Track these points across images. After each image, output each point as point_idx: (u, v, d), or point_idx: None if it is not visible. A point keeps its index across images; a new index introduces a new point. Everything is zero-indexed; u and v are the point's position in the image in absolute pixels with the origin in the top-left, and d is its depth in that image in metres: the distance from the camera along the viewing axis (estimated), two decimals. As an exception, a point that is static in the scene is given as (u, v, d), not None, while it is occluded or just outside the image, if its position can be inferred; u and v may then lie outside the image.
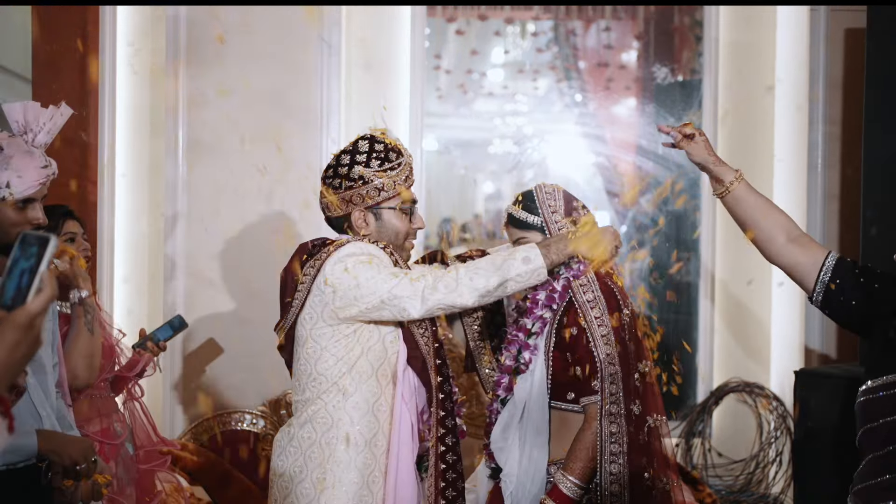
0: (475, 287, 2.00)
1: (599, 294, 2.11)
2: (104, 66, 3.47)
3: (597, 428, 2.06)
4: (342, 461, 2.04)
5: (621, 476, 2.06)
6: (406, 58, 4.05)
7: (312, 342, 2.08)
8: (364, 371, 2.08)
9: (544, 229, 2.18)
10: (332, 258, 2.04)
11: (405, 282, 1.99)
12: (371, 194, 2.10)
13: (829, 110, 3.92)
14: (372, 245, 2.08)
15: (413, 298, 1.98)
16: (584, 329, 2.08)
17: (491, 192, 5.85)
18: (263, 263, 3.31)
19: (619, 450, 2.06)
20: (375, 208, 2.12)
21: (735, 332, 4.28)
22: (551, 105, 5.33)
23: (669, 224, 4.63)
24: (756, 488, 4.06)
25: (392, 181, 2.10)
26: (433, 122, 5.00)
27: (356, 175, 2.09)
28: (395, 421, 2.09)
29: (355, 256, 2.02)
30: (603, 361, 2.05)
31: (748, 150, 4.27)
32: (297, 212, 3.56)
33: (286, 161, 3.55)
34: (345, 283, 2.01)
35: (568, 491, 2.06)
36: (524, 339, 2.16)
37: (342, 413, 2.06)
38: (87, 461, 1.83)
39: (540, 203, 2.20)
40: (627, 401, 2.07)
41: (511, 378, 2.18)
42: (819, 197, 3.94)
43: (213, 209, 3.60)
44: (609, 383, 2.05)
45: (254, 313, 3.50)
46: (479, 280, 2.00)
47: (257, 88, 3.56)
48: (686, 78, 4.65)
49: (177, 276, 3.60)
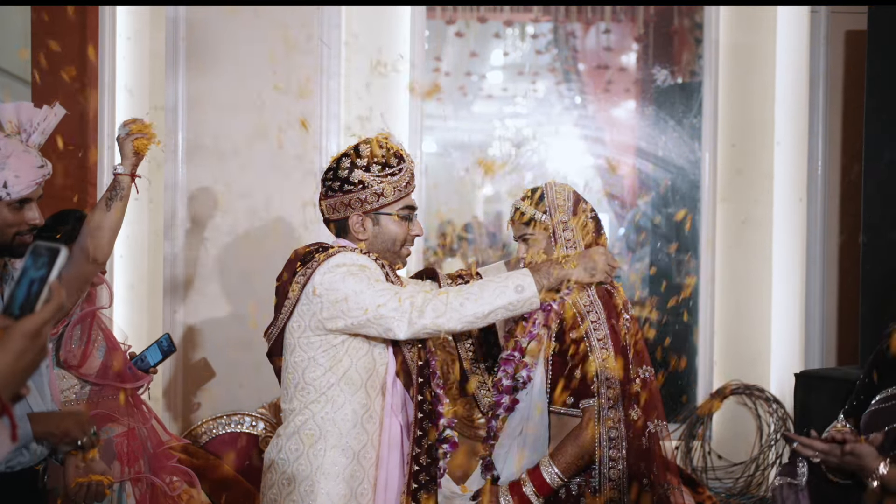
0: (464, 314, 1.96)
1: (597, 298, 2.10)
2: (103, 69, 3.46)
3: (594, 431, 2.04)
4: (330, 473, 2.03)
5: (620, 481, 2.04)
6: (406, 59, 4.04)
7: (300, 351, 2.07)
8: (353, 381, 2.06)
9: (550, 228, 2.16)
10: (322, 267, 2.01)
11: (393, 302, 1.95)
12: (370, 199, 2.08)
13: (830, 112, 3.92)
14: (363, 256, 2.05)
15: (400, 320, 1.95)
16: (582, 333, 2.06)
17: (490, 195, 5.84)
18: (263, 265, 3.30)
19: (619, 455, 2.03)
20: (374, 214, 2.10)
21: (735, 335, 4.27)
22: (551, 107, 5.32)
23: (669, 227, 4.63)
24: (756, 491, 4.05)
25: (392, 187, 2.08)
26: (432, 124, 4.99)
27: (356, 179, 2.07)
28: (385, 432, 2.08)
29: (346, 267, 2.00)
30: (599, 366, 2.03)
31: (748, 152, 4.27)
32: (297, 214, 3.56)
33: (286, 163, 3.55)
34: (333, 295, 1.99)
35: (547, 476, 2.04)
36: (520, 358, 2.14)
37: (330, 425, 2.04)
38: (86, 433, 1.82)
39: (548, 201, 2.17)
40: (626, 406, 2.05)
41: (511, 397, 2.16)
42: (819, 199, 3.93)
43: (213, 211, 3.60)
44: (606, 388, 2.03)
45: (252, 312, 3.49)
46: (468, 307, 1.96)
47: (257, 90, 3.56)
48: (686, 80, 4.65)
49: (177, 278, 3.59)
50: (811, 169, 3.96)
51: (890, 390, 1.90)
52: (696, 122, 4.39)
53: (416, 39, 4.08)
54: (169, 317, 3.58)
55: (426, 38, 4.24)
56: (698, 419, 4.16)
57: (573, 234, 2.17)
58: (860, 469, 1.73)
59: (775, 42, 4.19)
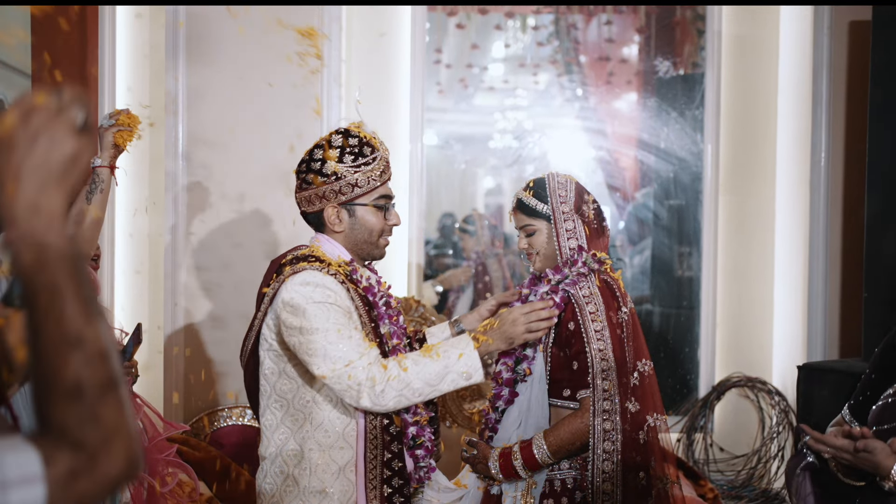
0: (414, 400, 1.98)
1: (596, 290, 2.10)
2: (103, 61, 3.45)
3: (589, 421, 2.04)
4: (317, 489, 2.01)
5: (614, 474, 2.04)
6: (406, 52, 4.03)
7: (270, 363, 2.05)
8: (329, 396, 2.04)
9: (551, 219, 2.16)
10: (285, 286, 1.99)
11: (358, 372, 1.92)
12: (344, 190, 2.04)
13: (833, 103, 3.90)
14: (329, 277, 1.99)
15: (362, 396, 1.93)
16: (579, 323, 2.07)
17: (491, 187, 5.83)
18: (263, 258, 3.29)
19: (613, 448, 2.04)
20: (349, 205, 2.07)
21: (737, 327, 4.26)
22: (552, 99, 5.30)
23: (671, 219, 4.61)
24: (758, 483, 4.05)
25: (366, 177, 2.04)
26: (433, 116, 4.97)
27: (329, 171, 2.03)
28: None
29: (310, 287, 1.96)
30: (595, 357, 2.04)
31: (751, 144, 4.25)
32: (296, 206, 3.54)
33: (286, 155, 3.53)
34: (294, 322, 1.96)
35: (536, 451, 2.06)
36: (521, 351, 2.14)
37: (311, 443, 2.02)
38: None
39: (550, 192, 2.16)
40: (623, 398, 2.05)
41: (511, 390, 2.16)
42: (822, 190, 3.92)
43: (213, 204, 3.59)
44: (602, 379, 2.03)
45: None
46: (423, 396, 1.98)
47: (256, 84, 3.54)
48: (688, 72, 4.63)
49: (178, 271, 3.59)
50: (814, 160, 3.94)
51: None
52: (699, 113, 4.37)
53: (416, 32, 4.06)
54: (170, 308, 3.58)
55: (427, 31, 4.22)
56: (700, 411, 4.15)
57: (574, 224, 2.16)
58: (874, 467, 1.68)
59: (778, 33, 4.17)
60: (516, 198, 2.22)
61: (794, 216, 4.10)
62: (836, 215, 3.93)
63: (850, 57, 3.88)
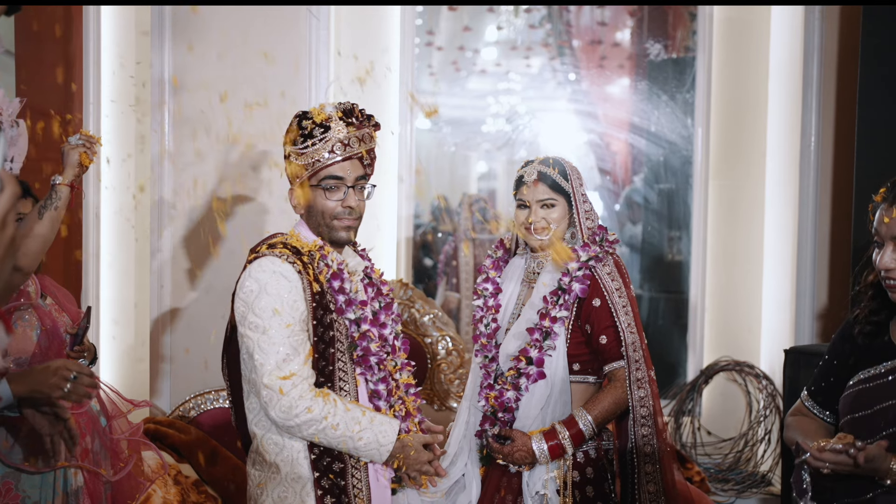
0: (330, 443, 1.96)
1: (615, 268, 2.23)
2: (88, 44, 3.42)
3: (625, 390, 2.17)
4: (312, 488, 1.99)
5: (651, 437, 2.18)
6: (397, 34, 4.00)
7: (240, 348, 2.03)
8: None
9: (571, 198, 2.26)
10: (246, 272, 2.00)
11: (289, 387, 1.92)
12: (297, 172, 2.06)
13: (824, 87, 3.88)
14: (287, 265, 1.98)
15: (276, 408, 1.93)
16: (606, 299, 2.19)
17: (484, 172, 5.80)
18: (252, 241, 3.28)
19: (648, 412, 2.18)
20: (300, 186, 2.07)
21: (726, 311, 4.27)
22: (544, 83, 5.27)
23: (661, 203, 4.61)
24: (745, 466, 4.07)
25: (312, 158, 2.02)
26: (425, 99, 4.94)
27: (286, 153, 2.08)
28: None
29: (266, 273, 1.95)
30: (625, 330, 2.18)
31: (741, 126, 4.24)
32: (286, 187, 3.52)
33: (274, 138, 3.51)
34: (246, 317, 1.96)
35: (582, 425, 2.16)
36: (551, 327, 2.20)
37: (296, 440, 1.99)
38: (67, 379, 1.80)
39: (570, 174, 2.27)
40: (647, 367, 2.20)
41: (539, 370, 2.21)
42: (812, 173, 3.91)
43: (201, 186, 3.57)
44: (633, 350, 2.18)
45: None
46: (332, 440, 1.96)
47: (244, 64, 3.52)
48: (680, 55, 4.60)
49: (163, 255, 3.57)
50: (804, 144, 3.92)
51: (876, 369, 1.87)
52: (690, 97, 4.35)
53: (407, 14, 4.03)
54: (156, 295, 3.57)
55: (419, 13, 4.19)
56: (688, 395, 4.16)
57: (591, 206, 2.29)
58: (874, 472, 1.70)
59: (769, 17, 4.15)
60: (537, 171, 2.26)
61: (784, 200, 4.09)
62: (826, 200, 3.93)
63: (841, 41, 3.86)
